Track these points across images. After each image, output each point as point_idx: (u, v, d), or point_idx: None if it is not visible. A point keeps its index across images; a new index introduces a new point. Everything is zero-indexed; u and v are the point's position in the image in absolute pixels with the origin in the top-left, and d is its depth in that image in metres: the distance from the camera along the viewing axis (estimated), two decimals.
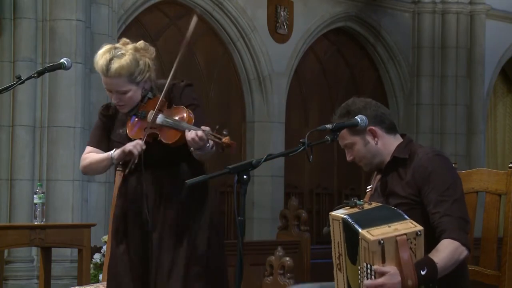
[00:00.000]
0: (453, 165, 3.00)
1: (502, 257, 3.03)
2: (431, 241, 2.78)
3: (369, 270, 2.67)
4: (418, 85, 10.74)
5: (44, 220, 5.39)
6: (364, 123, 2.93)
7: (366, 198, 3.02)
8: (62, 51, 6.67)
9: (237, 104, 9.59)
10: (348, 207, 2.85)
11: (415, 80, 10.76)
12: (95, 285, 4.05)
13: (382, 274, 2.65)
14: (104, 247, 5.77)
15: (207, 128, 3.15)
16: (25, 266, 6.79)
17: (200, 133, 3.12)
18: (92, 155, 3.42)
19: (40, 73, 3.41)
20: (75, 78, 6.81)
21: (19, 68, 6.67)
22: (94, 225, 5.69)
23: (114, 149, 3.31)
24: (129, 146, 3.25)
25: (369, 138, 3.00)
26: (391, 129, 3.03)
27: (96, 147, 3.44)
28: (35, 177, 6.79)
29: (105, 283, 3.93)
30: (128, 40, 3.38)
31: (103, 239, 6.15)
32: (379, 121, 3.00)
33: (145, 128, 3.27)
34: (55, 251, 5.77)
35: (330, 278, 2.91)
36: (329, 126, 2.91)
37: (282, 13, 9.63)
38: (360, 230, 2.68)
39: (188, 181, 2.93)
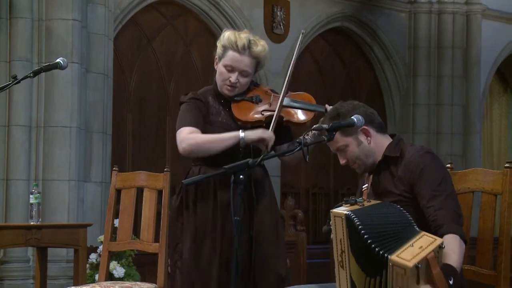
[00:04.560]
0: (448, 164, 3.03)
1: (498, 257, 3.03)
2: None
3: None
4: (415, 85, 10.75)
5: (40, 220, 5.38)
6: (360, 123, 2.96)
7: (364, 196, 3.03)
8: (58, 51, 6.66)
9: None
10: (349, 205, 2.86)
11: (411, 80, 10.77)
12: (91, 285, 4.05)
13: None
14: (101, 247, 5.76)
15: None
16: (21, 266, 6.78)
17: None
18: (205, 134, 3.32)
19: (36, 73, 3.41)
20: (71, 78, 6.80)
21: (15, 67, 6.66)
22: (90, 225, 5.68)
23: (242, 131, 3.29)
24: (265, 133, 3.27)
25: (362, 138, 3.02)
26: (381, 128, 3.06)
27: (197, 127, 3.34)
28: (31, 177, 6.78)
29: (101, 283, 3.93)
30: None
31: (99, 239, 6.15)
32: (369, 120, 3.02)
33: (262, 111, 3.33)
34: (51, 251, 5.76)
35: (327, 278, 2.92)
36: (325, 126, 2.92)
37: (278, 13, 9.63)
38: (389, 256, 2.66)
39: (185, 181, 2.94)
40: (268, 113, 3.36)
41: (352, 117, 2.95)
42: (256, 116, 3.36)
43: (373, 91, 10.76)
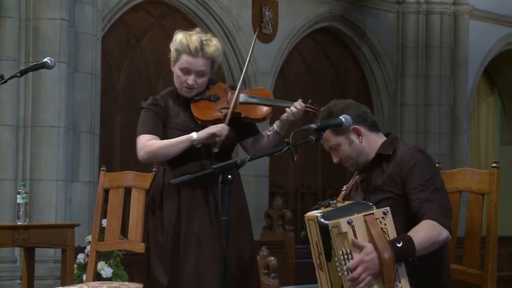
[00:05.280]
0: (436, 164, 3.03)
1: (485, 256, 3.04)
2: None
3: (346, 256, 2.70)
4: (403, 85, 10.78)
5: (27, 220, 5.35)
6: (348, 122, 2.96)
7: (340, 198, 3.04)
8: (45, 51, 6.64)
9: None
10: (323, 207, 2.88)
11: (399, 80, 10.80)
12: (79, 285, 4.03)
13: (358, 248, 2.68)
14: (88, 247, 5.75)
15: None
16: (8, 266, 6.74)
17: (300, 102, 3.43)
18: (160, 141, 3.38)
19: (23, 72, 3.40)
20: (58, 77, 6.77)
21: (2, 67, 6.63)
22: (78, 225, 5.67)
23: (195, 132, 3.34)
24: (213, 128, 3.33)
25: (353, 137, 3.02)
26: (373, 127, 3.06)
27: (155, 134, 3.41)
28: (19, 177, 6.75)
29: (89, 283, 3.92)
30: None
31: (87, 239, 6.13)
32: (361, 119, 3.02)
33: (221, 109, 3.39)
34: (38, 251, 5.74)
35: (315, 278, 2.92)
36: (313, 125, 2.93)
37: (266, 13, 9.63)
38: (328, 222, 2.72)
39: (172, 181, 2.94)
40: (226, 110, 3.43)
41: (340, 117, 2.96)
42: (215, 114, 3.42)
43: (361, 91, 10.78)
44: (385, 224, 2.73)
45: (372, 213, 2.72)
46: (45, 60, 3.39)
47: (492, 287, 3.01)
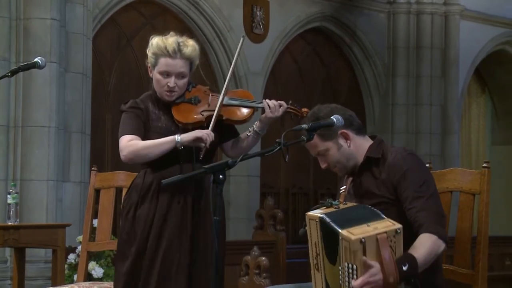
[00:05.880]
0: (427, 164, 3.03)
1: (476, 256, 3.05)
2: (407, 238, 2.80)
3: (350, 270, 2.68)
4: (393, 85, 10.80)
5: (18, 220, 5.34)
6: (339, 122, 2.94)
7: (341, 199, 3.03)
8: (36, 50, 6.62)
9: None
10: (324, 207, 2.86)
11: (390, 80, 10.82)
12: (69, 285, 4.02)
13: (366, 266, 2.67)
14: (79, 248, 5.74)
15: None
16: None
17: (279, 102, 3.43)
18: (143, 141, 3.38)
19: (14, 72, 3.39)
20: (49, 77, 6.76)
21: None
22: (68, 225, 5.65)
23: (179, 134, 3.34)
24: (199, 132, 3.32)
25: (341, 141, 3.01)
26: (360, 131, 3.06)
27: (137, 135, 3.40)
28: (9, 177, 6.73)
29: (79, 284, 3.91)
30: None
31: (78, 239, 6.11)
32: (348, 123, 3.01)
33: (202, 111, 3.40)
34: (29, 252, 5.72)
35: (306, 278, 2.92)
36: (305, 126, 2.92)
37: (258, 13, 9.64)
38: (340, 230, 2.68)
39: (164, 181, 2.93)
40: (208, 113, 3.43)
41: (332, 117, 2.94)
42: (195, 117, 3.42)
43: (352, 91, 10.80)
44: (394, 243, 2.70)
45: (385, 232, 2.68)
46: (36, 60, 3.38)
47: (483, 286, 3.02)
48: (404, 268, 2.69)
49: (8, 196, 5.33)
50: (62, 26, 7.00)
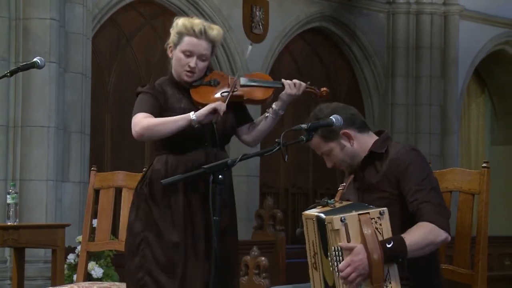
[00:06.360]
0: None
1: (475, 256, 3.05)
2: None
3: (337, 252, 2.70)
4: (393, 85, 10.81)
5: (17, 220, 5.34)
6: (339, 122, 2.93)
7: (337, 197, 3.03)
8: (36, 50, 6.62)
9: None
10: (320, 206, 2.88)
11: (389, 80, 10.82)
12: (69, 285, 4.02)
13: (348, 250, 2.68)
14: (79, 248, 5.74)
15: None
16: None
17: (297, 81, 3.44)
18: (156, 118, 3.31)
19: (13, 72, 3.39)
20: (49, 77, 6.76)
21: None
22: (68, 225, 5.65)
23: (192, 112, 3.28)
24: (214, 104, 3.27)
25: (344, 141, 3.01)
26: (363, 128, 3.04)
27: (151, 113, 3.33)
28: (8, 177, 6.73)
29: (79, 284, 3.91)
30: None
31: (78, 239, 6.11)
32: (350, 123, 3.00)
33: (222, 93, 3.39)
34: (28, 252, 5.72)
35: (305, 278, 2.92)
36: (304, 126, 2.92)
37: (257, 13, 9.64)
38: (325, 217, 2.72)
39: (163, 181, 2.93)
40: (228, 94, 3.40)
41: (331, 117, 2.93)
42: (216, 97, 3.39)
43: (351, 91, 10.80)
44: (380, 225, 2.72)
45: (368, 213, 2.72)
46: (35, 60, 3.38)
47: (483, 287, 3.02)
48: (388, 246, 2.70)
49: (8, 196, 5.33)
50: (62, 26, 7.00)
